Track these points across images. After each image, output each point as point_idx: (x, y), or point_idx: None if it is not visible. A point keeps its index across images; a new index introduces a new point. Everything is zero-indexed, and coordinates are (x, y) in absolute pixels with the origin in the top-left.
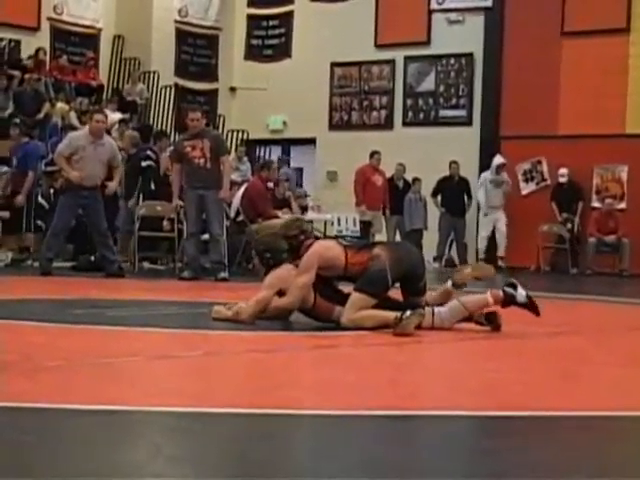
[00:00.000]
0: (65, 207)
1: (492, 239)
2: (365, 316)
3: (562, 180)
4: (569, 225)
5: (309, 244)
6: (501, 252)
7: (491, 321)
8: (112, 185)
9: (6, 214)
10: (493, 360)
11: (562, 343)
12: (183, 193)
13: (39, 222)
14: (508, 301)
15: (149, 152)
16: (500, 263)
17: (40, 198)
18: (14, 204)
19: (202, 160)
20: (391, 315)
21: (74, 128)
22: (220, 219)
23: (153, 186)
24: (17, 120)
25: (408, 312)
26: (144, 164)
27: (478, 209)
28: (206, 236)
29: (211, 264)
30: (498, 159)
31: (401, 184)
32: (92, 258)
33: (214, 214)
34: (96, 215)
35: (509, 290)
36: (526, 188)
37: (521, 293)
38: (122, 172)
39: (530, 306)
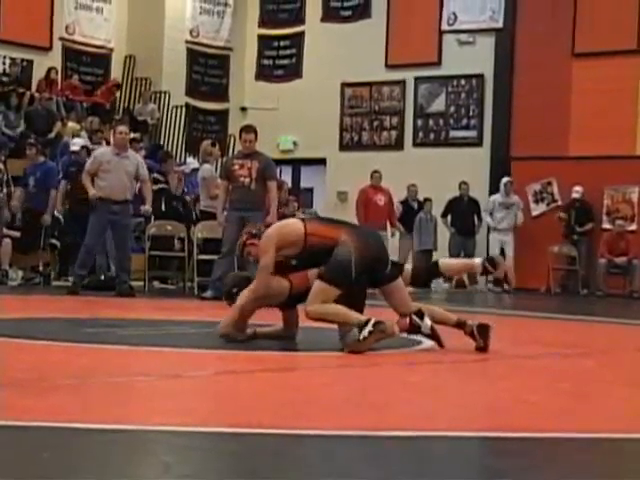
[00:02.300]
0: (96, 225)
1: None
2: (329, 311)
3: (576, 195)
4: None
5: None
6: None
7: (481, 333)
8: (146, 208)
9: (17, 233)
10: (503, 380)
11: (572, 364)
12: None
13: (53, 240)
14: (414, 331)
15: (156, 175)
16: (506, 287)
17: (56, 212)
18: (32, 223)
19: (247, 180)
20: (354, 317)
21: (85, 147)
22: None
23: (164, 207)
24: (32, 140)
25: (368, 328)
26: (155, 187)
27: (488, 230)
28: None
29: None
30: (505, 179)
31: (415, 205)
32: (102, 277)
33: None
34: (123, 232)
35: (416, 319)
36: (536, 209)
37: (426, 324)
38: (151, 189)
39: (434, 337)
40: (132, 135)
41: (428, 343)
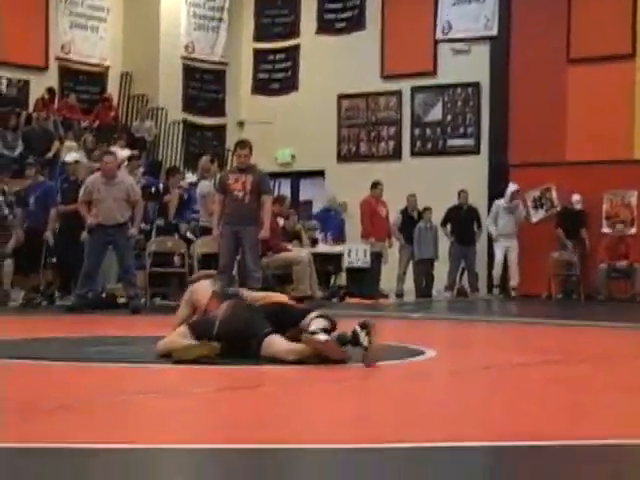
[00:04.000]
0: (93, 248)
1: (505, 266)
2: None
3: (578, 207)
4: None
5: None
6: (514, 283)
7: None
8: (132, 232)
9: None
10: (500, 390)
11: (570, 371)
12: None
13: (54, 259)
14: None
15: (158, 187)
16: (513, 294)
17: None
18: (33, 242)
19: (241, 193)
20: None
21: (78, 162)
22: (255, 256)
23: (163, 222)
24: (31, 160)
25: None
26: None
27: (489, 240)
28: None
29: None
30: (512, 186)
31: (415, 215)
32: (103, 295)
33: (249, 250)
34: (122, 251)
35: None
36: (536, 215)
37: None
38: (142, 211)
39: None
40: (130, 152)
41: (428, 354)
